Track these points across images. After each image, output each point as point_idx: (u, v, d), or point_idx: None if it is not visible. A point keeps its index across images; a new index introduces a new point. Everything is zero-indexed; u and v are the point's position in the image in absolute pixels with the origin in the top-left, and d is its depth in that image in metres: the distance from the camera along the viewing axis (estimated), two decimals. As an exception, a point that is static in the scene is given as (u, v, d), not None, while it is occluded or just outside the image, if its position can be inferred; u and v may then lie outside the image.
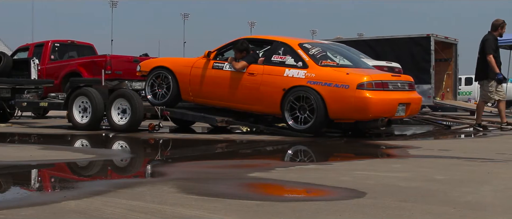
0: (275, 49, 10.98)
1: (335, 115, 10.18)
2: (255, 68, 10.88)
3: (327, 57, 10.79)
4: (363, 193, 4.39)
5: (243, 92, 10.97)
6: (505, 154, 7.38)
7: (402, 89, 10.68)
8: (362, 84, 9.90)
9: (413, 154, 7.73)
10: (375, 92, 9.97)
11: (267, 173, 5.80)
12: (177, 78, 11.62)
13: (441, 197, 4.28)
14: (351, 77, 10.08)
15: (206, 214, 3.67)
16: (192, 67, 11.52)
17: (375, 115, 10.05)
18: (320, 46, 11.15)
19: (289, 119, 10.42)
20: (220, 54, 11.55)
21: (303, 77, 10.29)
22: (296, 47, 10.76)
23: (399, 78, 10.97)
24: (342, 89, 9.96)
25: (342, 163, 6.94)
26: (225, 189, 4.78)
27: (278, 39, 11.27)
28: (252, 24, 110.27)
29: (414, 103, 10.84)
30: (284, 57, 10.73)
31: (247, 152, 8.86)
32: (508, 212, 3.76)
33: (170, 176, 5.74)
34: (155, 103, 11.71)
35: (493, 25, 12.14)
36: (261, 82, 10.74)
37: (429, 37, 19.35)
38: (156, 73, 11.85)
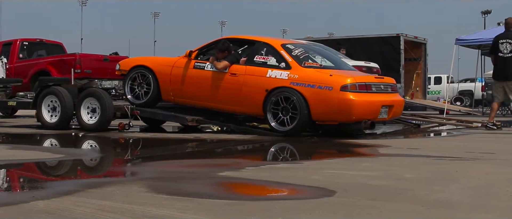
0: (257, 49, 10.91)
1: (318, 116, 10.13)
2: (237, 68, 10.78)
3: (310, 58, 10.74)
4: (333, 191, 4.41)
5: (225, 93, 10.87)
6: (473, 153, 7.45)
7: (385, 91, 10.66)
8: (345, 86, 9.84)
9: (383, 153, 7.78)
10: (358, 94, 9.91)
11: (237, 172, 5.80)
12: (157, 77, 11.46)
13: (410, 195, 4.31)
14: (335, 78, 10.02)
15: (177, 213, 3.66)
16: (173, 66, 11.39)
17: (359, 117, 9.99)
18: (303, 46, 11.10)
19: (271, 121, 10.33)
20: (202, 53, 11.41)
21: (286, 78, 10.22)
22: (279, 47, 10.68)
23: (382, 80, 10.96)
24: (325, 91, 9.90)
25: (313, 162, 6.97)
26: (195, 188, 4.77)
27: (261, 40, 11.20)
28: (223, 23, 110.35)
29: (396, 106, 10.84)
30: (266, 57, 10.66)
31: (217, 151, 8.84)
32: (475, 210, 3.80)
33: (140, 176, 5.72)
34: (134, 102, 11.57)
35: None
36: (243, 82, 10.65)
37: (399, 37, 19.53)
38: (136, 72, 11.68)
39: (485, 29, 28.36)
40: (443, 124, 14.19)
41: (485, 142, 9.54)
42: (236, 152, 8.74)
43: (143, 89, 11.58)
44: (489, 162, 6.55)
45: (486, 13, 78.04)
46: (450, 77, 25.89)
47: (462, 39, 20.50)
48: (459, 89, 34.31)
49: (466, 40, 20.63)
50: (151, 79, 11.47)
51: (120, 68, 12.10)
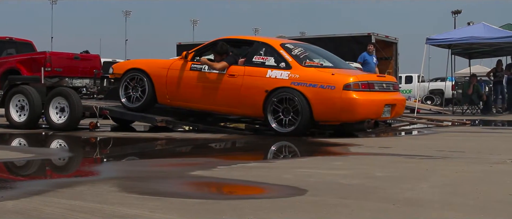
0: (256, 49, 10.65)
1: (320, 117, 9.92)
2: (236, 69, 10.53)
3: (310, 57, 10.59)
4: (305, 190, 4.41)
5: (223, 94, 10.61)
6: (443, 151, 7.51)
7: (387, 90, 10.52)
8: (348, 85, 9.69)
9: (354, 151, 7.81)
10: (361, 92, 9.77)
11: (209, 171, 5.78)
12: (152, 80, 11.18)
13: (381, 193, 4.33)
14: (337, 77, 9.86)
15: (147, 213, 3.64)
16: (169, 68, 11.12)
17: (362, 116, 9.86)
18: (302, 46, 10.94)
19: (272, 122, 10.09)
20: (198, 55, 11.12)
21: (287, 78, 10.00)
22: (278, 47, 10.47)
23: (384, 78, 10.87)
24: (327, 90, 9.72)
25: (284, 161, 6.98)
26: (166, 187, 4.75)
27: (259, 40, 11.07)
28: (195, 22, 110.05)
29: (399, 104, 10.76)
30: (266, 58, 10.41)
31: (189, 150, 8.82)
32: (445, 208, 3.83)
33: (111, 175, 5.68)
34: (129, 106, 11.32)
35: None
36: (242, 83, 10.39)
37: (370, 36, 19.63)
38: (130, 75, 11.36)
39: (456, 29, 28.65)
40: (414, 123, 14.30)
41: (455, 141, 9.62)
42: (208, 151, 8.72)
43: (138, 92, 11.31)
44: (458, 160, 6.61)
45: (457, 13, 78.79)
46: (420, 76, 26.10)
47: (432, 39, 20.66)
48: (429, 88, 34.62)
49: (436, 39, 20.80)
50: (146, 82, 11.18)
51: (113, 72, 11.82)
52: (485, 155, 7.12)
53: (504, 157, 6.52)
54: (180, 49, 22.74)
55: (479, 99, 21.47)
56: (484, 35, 19.89)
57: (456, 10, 78.73)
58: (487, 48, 22.93)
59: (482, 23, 21.28)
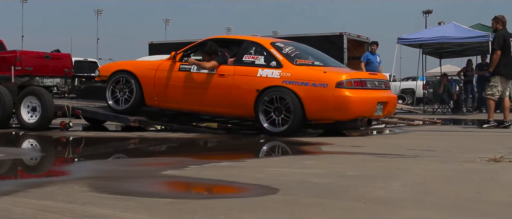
0: (246, 49, 10.51)
1: (313, 115, 9.83)
2: (226, 69, 10.39)
3: (301, 56, 10.47)
4: (277, 189, 4.42)
5: (213, 95, 10.44)
6: (415, 150, 7.56)
7: (379, 87, 10.46)
8: (341, 83, 9.61)
9: (326, 150, 7.83)
10: (354, 90, 9.69)
11: (181, 170, 5.77)
12: (140, 82, 11.00)
13: (353, 192, 4.35)
14: (329, 75, 9.78)
15: (118, 212, 3.62)
16: (157, 69, 10.95)
17: (355, 114, 9.78)
18: (292, 45, 10.82)
19: (264, 122, 9.94)
20: (187, 55, 11.00)
21: (278, 77, 9.87)
22: (268, 46, 10.35)
23: (376, 76, 10.79)
24: (320, 88, 9.63)
25: (256, 160, 6.98)
26: (138, 187, 4.73)
27: (249, 39, 10.96)
28: (167, 21, 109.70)
29: (391, 102, 10.70)
30: (256, 57, 10.27)
31: (161, 150, 8.79)
32: (416, 206, 3.86)
33: (82, 175, 5.64)
34: (117, 109, 11.14)
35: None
36: (233, 83, 10.25)
37: (342, 36, 19.70)
38: (117, 77, 11.17)
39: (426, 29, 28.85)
40: (385, 122, 14.37)
41: (426, 140, 9.69)
42: (180, 151, 8.71)
43: (125, 95, 11.11)
44: (429, 159, 6.66)
45: (427, 12, 79.42)
46: (392, 75, 26.25)
47: (404, 38, 20.81)
48: (401, 88, 34.79)
49: (407, 39, 20.95)
50: (134, 84, 10.99)
51: (99, 74, 11.65)
52: (455, 154, 7.19)
53: (473, 156, 6.58)
54: (152, 48, 22.72)
55: (449, 98, 21.68)
56: (454, 35, 20.09)
57: (427, 10, 79.37)
58: (458, 48, 23.16)
59: (453, 23, 21.49)
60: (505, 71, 11.81)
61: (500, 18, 12.04)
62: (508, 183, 4.78)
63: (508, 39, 11.84)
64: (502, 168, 5.68)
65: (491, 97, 11.81)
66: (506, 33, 11.93)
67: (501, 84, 11.80)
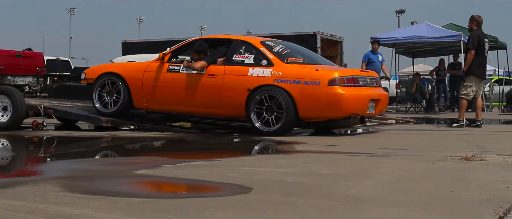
0: (235, 48, 10.41)
1: (305, 114, 9.74)
2: (215, 68, 10.26)
3: (292, 54, 10.39)
4: (250, 188, 4.42)
5: (203, 95, 10.31)
6: (387, 149, 7.61)
7: (371, 85, 10.40)
8: (333, 80, 9.53)
9: (299, 149, 7.85)
10: (347, 88, 9.62)
11: (154, 170, 5.75)
12: (128, 84, 10.81)
13: (325, 191, 4.36)
14: (322, 73, 9.71)
15: (91, 212, 3.60)
16: (145, 71, 10.78)
17: (349, 112, 9.70)
18: (282, 43, 10.73)
19: (255, 121, 9.84)
20: (175, 56, 10.90)
21: (269, 75, 9.77)
22: (258, 45, 10.27)
23: (367, 73, 10.73)
24: (312, 86, 9.55)
25: (230, 159, 6.97)
26: (110, 187, 4.71)
27: (238, 38, 10.86)
28: (140, 20, 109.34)
29: (383, 100, 10.65)
30: (246, 56, 10.20)
31: (134, 149, 8.75)
32: (387, 205, 3.88)
33: (54, 175, 5.60)
34: (104, 112, 10.95)
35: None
36: (223, 83, 10.12)
37: (316, 35, 19.74)
38: (104, 80, 10.98)
39: (399, 28, 29.03)
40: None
41: (398, 138, 9.76)
42: (153, 150, 8.68)
43: (113, 97, 10.92)
44: (401, 158, 6.70)
45: (400, 12, 79.91)
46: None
47: (377, 37, 20.88)
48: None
49: (380, 38, 21.03)
50: (121, 86, 10.81)
51: (86, 77, 11.41)
52: (428, 152, 7.24)
53: (446, 155, 6.64)
54: (125, 47, 22.60)
55: (422, 98, 21.84)
56: (427, 34, 20.24)
57: (400, 10, 79.85)
58: (430, 47, 23.34)
59: (425, 22, 21.66)
60: (479, 71, 11.93)
61: (476, 18, 12.15)
62: (479, 181, 4.82)
63: (482, 39, 11.94)
64: (473, 167, 5.74)
65: (466, 97, 11.91)
66: (481, 33, 12.02)
67: (475, 84, 11.91)
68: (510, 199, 4.00)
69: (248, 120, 10.05)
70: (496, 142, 8.83)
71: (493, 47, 20.90)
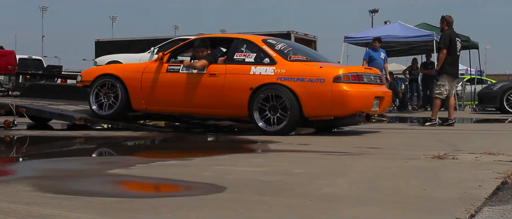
0: (236, 47, 10.26)
1: (310, 112, 9.56)
2: (217, 68, 10.09)
3: (295, 52, 10.27)
4: (224, 187, 4.41)
5: (205, 95, 10.12)
6: (361, 148, 7.64)
7: (375, 82, 10.25)
8: (338, 77, 9.38)
9: (273, 148, 7.85)
10: (352, 85, 9.48)
11: (127, 169, 5.72)
12: (126, 85, 10.62)
13: (299, 190, 4.37)
14: (326, 70, 9.56)
15: (63, 212, 3.57)
16: (143, 72, 10.58)
17: (354, 109, 9.55)
18: (284, 42, 10.61)
19: (259, 121, 9.68)
20: (174, 56, 10.74)
21: (273, 73, 9.61)
22: (260, 43, 10.11)
23: (371, 71, 10.57)
24: (317, 84, 9.38)
25: (204, 159, 6.95)
26: (83, 186, 4.67)
27: (239, 37, 10.70)
28: (114, 19, 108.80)
29: (387, 97, 10.55)
30: (248, 54, 10.03)
31: (107, 149, 8.70)
32: (361, 203, 3.89)
33: (26, 174, 5.54)
34: (102, 115, 10.78)
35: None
36: (225, 82, 9.93)
37: (290, 34, 19.81)
38: (101, 82, 10.81)
39: (373, 28, 29.18)
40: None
41: (372, 137, 9.79)
42: (126, 150, 8.64)
43: (110, 99, 10.74)
44: (375, 156, 6.74)
45: (374, 12, 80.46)
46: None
47: (350, 37, 21.02)
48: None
49: (354, 38, 21.17)
50: (119, 88, 10.63)
51: (82, 80, 11.24)
52: (401, 151, 7.28)
53: (418, 153, 6.68)
54: (99, 46, 22.49)
55: (395, 97, 21.96)
56: (400, 34, 20.38)
57: (373, 9, 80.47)
58: (403, 47, 23.49)
59: (398, 22, 21.81)
60: (451, 70, 12.03)
61: (447, 18, 12.25)
62: (451, 179, 4.86)
63: (454, 38, 12.05)
64: (446, 165, 5.78)
65: (439, 96, 12.00)
66: (452, 32, 12.14)
67: (448, 83, 12.01)
68: (482, 197, 4.04)
69: (251, 120, 9.90)
70: (468, 141, 8.91)
71: (465, 47, 21.11)
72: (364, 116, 9.70)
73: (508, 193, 4.34)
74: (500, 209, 3.79)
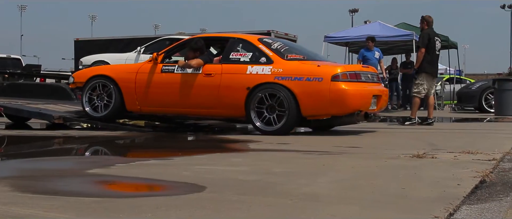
0: (232, 46, 10.13)
1: (308, 111, 9.46)
2: (212, 67, 9.98)
3: (291, 51, 10.12)
4: (203, 187, 4.41)
5: (200, 96, 9.98)
6: (341, 147, 7.66)
7: (372, 80, 10.19)
8: (336, 76, 9.31)
9: (253, 148, 7.85)
10: (350, 83, 9.41)
11: (107, 169, 5.70)
12: (119, 86, 10.46)
13: (279, 189, 4.37)
14: (324, 69, 9.51)
15: (42, 212, 3.55)
16: (137, 73, 10.42)
17: (353, 108, 9.48)
18: (280, 41, 10.53)
19: (256, 121, 9.58)
20: (168, 56, 10.59)
21: (269, 73, 9.52)
22: (256, 42, 10.01)
23: (368, 69, 10.51)
24: (315, 83, 9.31)
25: (183, 158, 6.94)
26: (62, 186, 4.64)
27: (235, 36, 10.61)
28: (93, 18, 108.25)
29: (384, 96, 10.51)
30: (244, 54, 9.91)
31: (86, 148, 8.65)
32: (341, 202, 3.90)
33: (4, 174, 5.49)
34: (95, 116, 10.63)
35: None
36: (221, 82, 9.82)
37: (270, 33, 19.79)
38: (94, 83, 10.64)
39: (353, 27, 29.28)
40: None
41: (352, 136, 9.80)
42: (106, 149, 8.59)
43: (104, 101, 10.58)
44: (355, 156, 6.76)
45: (354, 11, 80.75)
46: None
47: (330, 37, 21.07)
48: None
49: (334, 37, 21.22)
50: (112, 89, 10.47)
51: (74, 81, 11.08)
52: (381, 150, 7.31)
53: (398, 152, 6.70)
54: (78, 45, 22.38)
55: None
56: (380, 33, 20.43)
57: (353, 9, 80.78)
58: (383, 46, 23.51)
59: (378, 22, 21.89)
60: (430, 69, 12.10)
61: (426, 18, 12.34)
62: (430, 178, 4.88)
63: (433, 37, 12.13)
64: (425, 164, 5.80)
65: (418, 95, 12.06)
66: (431, 32, 12.22)
67: (427, 82, 12.07)
68: (460, 196, 4.06)
69: (248, 120, 9.83)
70: (447, 140, 8.96)
71: (445, 46, 21.21)
72: (362, 114, 9.71)
73: (486, 192, 4.37)
74: (479, 208, 3.82)
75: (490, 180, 4.88)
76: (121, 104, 10.55)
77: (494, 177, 5.05)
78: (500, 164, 5.96)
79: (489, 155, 6.38)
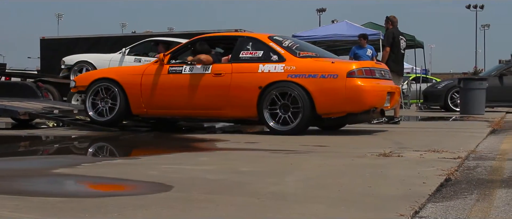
0: (242, 45, 9.86)
1: (324, 109, 9.25)
2: (222, 67, 9.76)
3: (303, 48, 9.94)
4: (170, 186, 4.39)
5: (210, 96, 9.76)
6: (308, 146, 7.68)
7: (385, 77, 9.96)
8: (352, 72, 9.12)
9: (220, 147, 7.84)
10: (366, 79, 9.22)
11: (72, 168, 5.65)
12: (124, 89, 10.21)
13: (247, 188, 4.37)
14: (339, 65, 9.36)
15: (6, 212, 3.51)
16: (143, 75, 10.16)
17: (369, 105, 9.26)
18: (291, 38, 10.33)
19: (269, 120, 9.35)
20: (174, 57, 10.34)
21: (282, 71, 9.30)
22: (266, 40, 9.76)
23: (381, 66, 10.34)
24: (330, 80, 9.09)
25: (150, 157, 6.91)
26: (27, 186, 4.60)
27: (244, 35, 10.45)
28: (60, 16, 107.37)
29: (397, 93, 10.38)
30: (254, 52, 9.68)
31: (52, 148, 8.58)
32: (309, 201, 3.92)
33: (-32, 174, 5.43)
34: (99, 120, 10.37)
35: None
36: (231, 82, 9.58)
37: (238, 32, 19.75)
38: (98, 86, 10.39)
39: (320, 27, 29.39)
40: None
41: (319, 136, 9.83)
42: (72, 148, 8.53)
43: (108, 104, 10.34)
44: (322, 154, 6.79)
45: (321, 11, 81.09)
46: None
47: (298, 36, 21.11)
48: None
49: (302, 36, 21.26)
50: (117, 92, 10.22)
51: (76, 85, 10.81)
52: (348, 149, 7.36)
53: (364, 151, 6.75)
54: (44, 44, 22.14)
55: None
56: (347, 32, 20.58)
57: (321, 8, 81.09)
58: (351, 46, 23.67)
59: (345, 21, 22.04)
60: (395, 67, 12.23)
61: (391, 18, 12.51)
62: (396, 177, 4.92)
63: (397, 36, 12.30)
64: (391, 163, 5.85)
65: None
66: (395, 31, 12.40)
67: (393, 80, 12.16)
68: (426, 194, 4.10)
69: (260, 120, 9.64)
70: (413, 139, 9.03)
71: (411, 46, 21.43)
72: (378, 112, 9.60)
73: (451, 190, 4.43)
74: (444, 205, 3.87)
75: (455, 178, 4.94)
76: (127, 108, 10.33)
77: (459, 175, 5.12)
78: (465, 162, 6.04)
79: (454, 153, 6.44)
